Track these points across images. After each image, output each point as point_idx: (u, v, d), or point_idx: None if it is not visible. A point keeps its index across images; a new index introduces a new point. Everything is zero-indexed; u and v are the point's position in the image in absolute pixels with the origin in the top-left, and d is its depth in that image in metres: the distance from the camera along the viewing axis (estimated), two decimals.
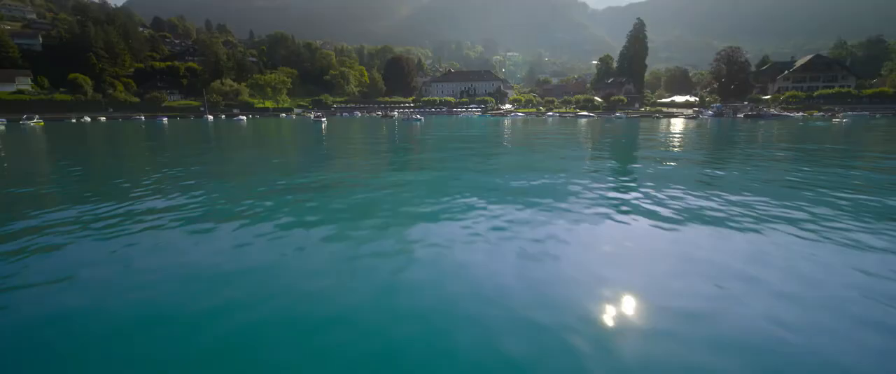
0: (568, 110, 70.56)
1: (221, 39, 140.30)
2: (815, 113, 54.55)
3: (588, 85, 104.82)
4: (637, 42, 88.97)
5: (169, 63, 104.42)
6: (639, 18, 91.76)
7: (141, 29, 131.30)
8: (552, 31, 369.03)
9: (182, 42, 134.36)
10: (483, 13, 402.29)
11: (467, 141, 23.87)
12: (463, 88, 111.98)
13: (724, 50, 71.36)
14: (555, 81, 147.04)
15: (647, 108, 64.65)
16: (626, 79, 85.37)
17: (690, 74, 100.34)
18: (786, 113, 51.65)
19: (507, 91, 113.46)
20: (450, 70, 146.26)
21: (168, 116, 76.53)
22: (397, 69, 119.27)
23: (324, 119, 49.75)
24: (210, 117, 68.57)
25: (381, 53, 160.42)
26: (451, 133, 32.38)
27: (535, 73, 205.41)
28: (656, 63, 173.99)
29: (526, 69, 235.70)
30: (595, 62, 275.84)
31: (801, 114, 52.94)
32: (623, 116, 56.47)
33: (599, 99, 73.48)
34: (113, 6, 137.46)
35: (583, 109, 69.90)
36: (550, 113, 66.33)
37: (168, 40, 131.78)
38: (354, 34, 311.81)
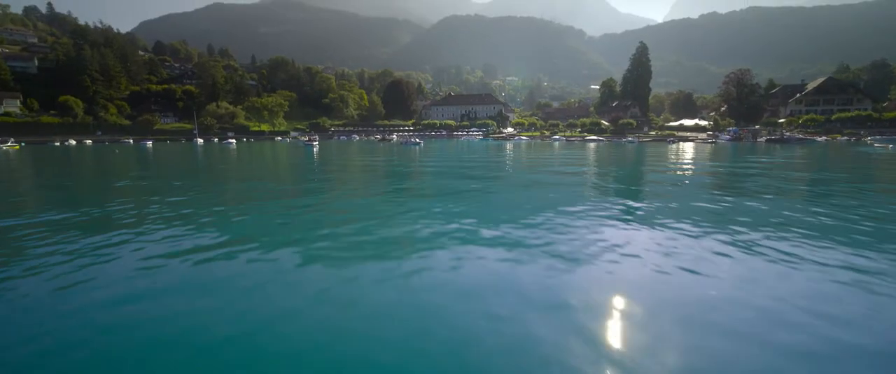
0: (574, 134, 67.85)
1: (222, 63, 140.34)
2: (838, 137, 51.85)
3: (591, 108, 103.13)
4: (640, 65, 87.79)
5: (165, 86, 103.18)
6: (641, 42, 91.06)
7: (142, 53, 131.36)
8: (550, 56, 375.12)
9: (182, 65, 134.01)
10: (482, 40, 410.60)
11: (470, 168, 20.57)
12: (463, 112, 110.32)
13: (733, 73, 69.60)
14: (555, 104, 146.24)
15: (658, 132, 61.99)
16: (631, 102, 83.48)
17: (694, 98, 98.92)
18: (810, 137, 48.83)
19: (509, 115, 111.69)
20: (450, 93, 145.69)
21: (158, 140, 74.01)
22: (397, 93, 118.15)
23: (315, 143, 46.94)
24: (200, 141, 65.98)
25: (381, 78, 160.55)
26: (452, 159, 29.16)
27: (535, 97, 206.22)
28: (654, 87, 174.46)
29: (526, 93, 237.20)
30: (594, 87, 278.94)
31: (823, 138, 50.21)
32: (634, 140, 53.67)
33: (606, 122, 70.99)
34: (116, 30, 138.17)
35: (589, 132, 67.23)
36: (556, 137, 63.55)
37: (167, 64, 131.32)
38: (356, 60, 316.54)
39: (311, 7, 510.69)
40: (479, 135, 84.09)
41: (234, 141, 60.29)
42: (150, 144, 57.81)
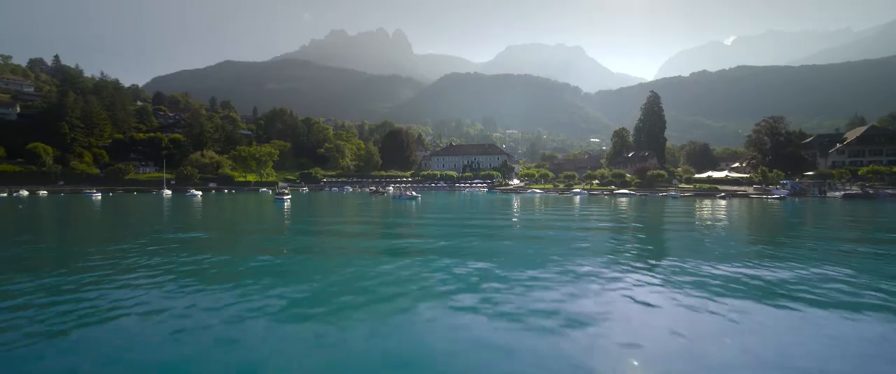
0: (594, 187, 60.11)
1: (221, 114, 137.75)
2: None
3: (602, 160, 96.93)
4: (653, 114, 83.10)
5: (151, 134, 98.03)
6: (652, 91, 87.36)
7: (141, 103, 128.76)
8: (548, 111, 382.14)
9: (176, 115, 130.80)
10: (482, 96, 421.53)
11: (483, 237, 12.07)
12: (466, 162, 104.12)
13: (764, 121, 63.92)
14: (560, 156, 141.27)
15: (696, 185, 54.34)
16: (649, 153, 77.20)
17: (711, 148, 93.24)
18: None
19: (514, 165, 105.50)
20: (451, 143, 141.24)
21: (127, 190, 66.56)
22: (396, 142, 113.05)
23: (286, 198, 39.04)
24: (167, 192, 58.15)
25: (380, 129, 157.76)
26: (456, 222, 20.77)
27: (537, 148, 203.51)
28: None
29: (526, 145, 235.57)
30: (595, 140, 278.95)
31: None
32: (676, 194, 45.91)
33: (630, 174, 63.68)
34: (114, 80, 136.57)
35: (610, 184, 59.50)
36: (577, 190, 55.70)
37: (162, 113, 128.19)
38: (359, 114, 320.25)
39: (318, 65, 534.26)
40: (483, 187, 76.59)
41: (198, 193, 52.37)
42: (97, 195, 49.82)
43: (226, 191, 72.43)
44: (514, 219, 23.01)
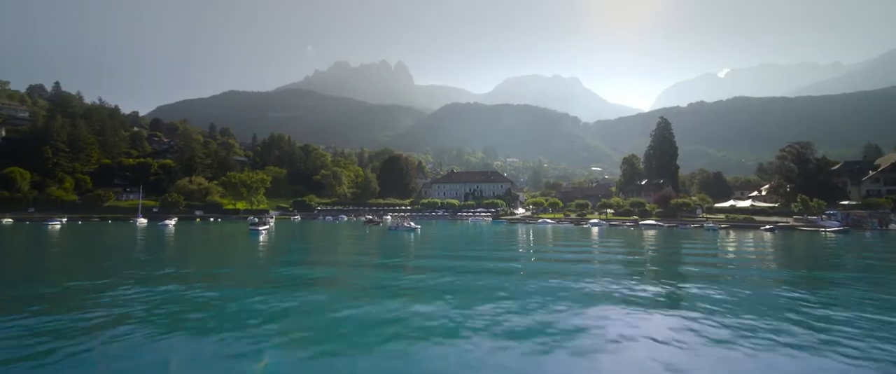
0: (611, 216, 55.07)
1: (220, 140, 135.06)
2: None
3: (612, 188, 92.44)
4: (664, 140, 79.50)
5: (141, 160, 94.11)
6: (662, 118, 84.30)
7: (135, 128, 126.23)
8: (548, 141, 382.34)
9: (171, 141, 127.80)
10: (482, 125, 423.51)
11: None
12: (468, 190, 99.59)
13: (790, 146, 59.92)
14: (564, 184, 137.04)
15: (727, 215, 49.45)
16: (664, 180, 72.86)
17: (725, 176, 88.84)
18: None
19: (518, 194, 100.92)
20: (452, 170, 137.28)
21: (103, 218, 61.69)
22: (395, 169, 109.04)
23: (263, 229, 34.13)
24: (143, 221, 53.23)
25: (380, 156, 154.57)
26: (466, 269, 15.70)
27: (540, 177, 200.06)
28: None
29: (528, 174, 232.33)
30: (596, 169, 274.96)
31: None
32: (714, 226, 41.16)
33: (651, 203, 58.88)
34: (110, 106, 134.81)
35: (628, 214, 54.50)
36: (594, 221, 50.74)
37: (156, 139, 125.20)
38: (359, 142, 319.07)
39: (320, 95, 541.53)
40: (487, 216, 71.60)
41: (171, 223, 47.32)
42: (56, 224, 45.00)
43: (212, 219, 67.41)
44: (538, 260, 18.05)
